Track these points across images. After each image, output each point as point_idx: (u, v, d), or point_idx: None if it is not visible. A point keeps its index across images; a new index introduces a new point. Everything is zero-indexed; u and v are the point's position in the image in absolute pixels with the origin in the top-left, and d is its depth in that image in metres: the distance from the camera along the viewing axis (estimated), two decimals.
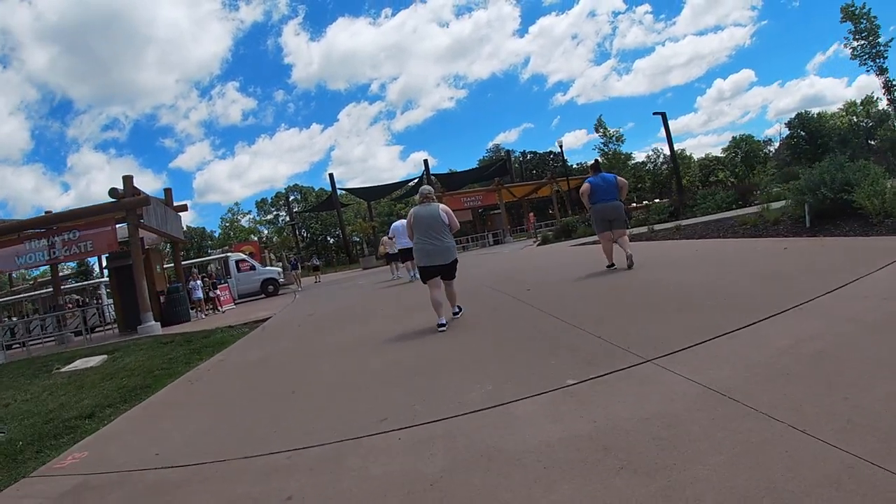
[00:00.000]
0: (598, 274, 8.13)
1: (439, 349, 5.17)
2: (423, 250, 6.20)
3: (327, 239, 76.04)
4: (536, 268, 11.87)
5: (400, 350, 5.51)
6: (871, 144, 63.20)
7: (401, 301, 10.13)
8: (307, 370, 5.56)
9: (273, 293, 24.66)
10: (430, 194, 6.46)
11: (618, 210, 8.15)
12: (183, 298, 17.41)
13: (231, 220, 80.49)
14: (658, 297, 5.56)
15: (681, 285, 6.10)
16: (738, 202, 17.17)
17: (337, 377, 4.96)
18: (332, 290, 19.23)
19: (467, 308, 6.90)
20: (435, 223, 6.14)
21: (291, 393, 4.67)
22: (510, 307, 6.69)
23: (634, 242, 12.40)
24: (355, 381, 4.67)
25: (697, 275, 6.73)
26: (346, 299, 13.66)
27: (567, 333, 4.70)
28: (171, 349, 10.13)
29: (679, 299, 5.29)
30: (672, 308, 4.93)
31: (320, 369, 5.43)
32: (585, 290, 7.10)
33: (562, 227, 22.47)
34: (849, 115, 66.51)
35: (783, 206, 10.79)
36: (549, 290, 7.71)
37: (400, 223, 15.03)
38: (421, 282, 6.71)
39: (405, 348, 5.53)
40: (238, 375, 6.16)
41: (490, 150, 79.12)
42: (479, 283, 10.14)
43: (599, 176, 8.25)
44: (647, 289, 6.27)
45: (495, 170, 51.37)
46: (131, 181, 15.72)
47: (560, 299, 6.67)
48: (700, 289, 5.67)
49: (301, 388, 4.79)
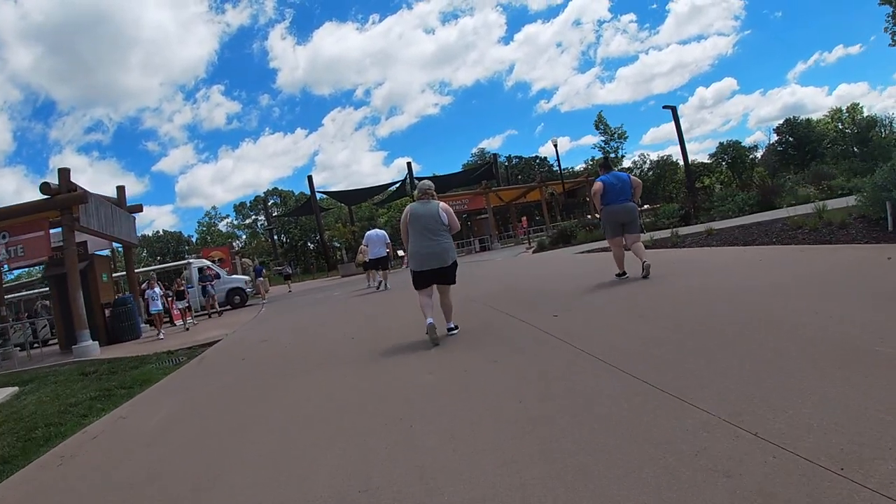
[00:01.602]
0: (639, 292, 6.08)
1: (433, 438, 3.02)
2: (420, 253, 5.51)
3: (307, 244, 73.64)
4: (544, 280, 9.78)
5: (373, 426, 3.35)
6: (855, 151, 63.23)
7: (377, 324, 7.97)
8: (226, 454, 3.38)
9: (240, 304, 22.27)
10: (429, 190, 5.77)
11: (632, 213, 7.37)
12: (131, 312, 15.08)
13: (208, 225, 78.24)
14: (775, 336, 3.50)
15: (796, 314, 4.04)
16: (760, 204, 15.35)
17: (268, 475, 2.82)
18: (301, 302, 16.98)
19: (471, 338, 4.81)
20: (434, 223, 5.50)
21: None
22: (539, 349, 4.57)
23: (660, 250, 10.44)
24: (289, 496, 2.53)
25: (800, 298, 4.68)
26: (312, 317, 11.44)
27: (672, 414, 2.60)
28: (86, 384, 8.12)
29: (826, 342, 3.23)
30: (827, 361, 2.86)
31: (244, 457, 3.27)
32: (641, 317, 5.00)
33: (559, 233, 20.52)
34: (834, 122, 66.66)
35: (850, 206, 8.98)
36: (585, 315, 5.61)
37: (374, 232, 15.07)
38: (393, 292, 5.02)
39: (380, 427, 3.37)
40: (126, 455, 3.94)
41: (475, 154, 77.31)
42: (478, 300, 8.03)
43: (612, 174, 7.47)
44: (741, 319, 4.20)
45: (482, 173, 49.33)
46: (67, 175, 13.36)
47: (610, 332, 4.57)
48: (844, 325, 3.61)
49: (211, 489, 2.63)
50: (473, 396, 3.51)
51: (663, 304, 5.40)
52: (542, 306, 6.45)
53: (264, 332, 9.97)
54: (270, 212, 72.22)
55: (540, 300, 7.11)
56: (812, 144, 60.17)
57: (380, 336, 6.64)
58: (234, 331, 11.62)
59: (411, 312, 8.18)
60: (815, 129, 62.79)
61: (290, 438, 3.46)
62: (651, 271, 6.90)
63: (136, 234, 20.52)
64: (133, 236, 19.11)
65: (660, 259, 9.14)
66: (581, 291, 7.18)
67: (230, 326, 13.10)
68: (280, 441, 3.44)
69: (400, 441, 2.99)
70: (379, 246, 14.50)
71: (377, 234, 14.83)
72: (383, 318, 8.41)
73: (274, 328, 10.51)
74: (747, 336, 3.68)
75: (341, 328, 8.32)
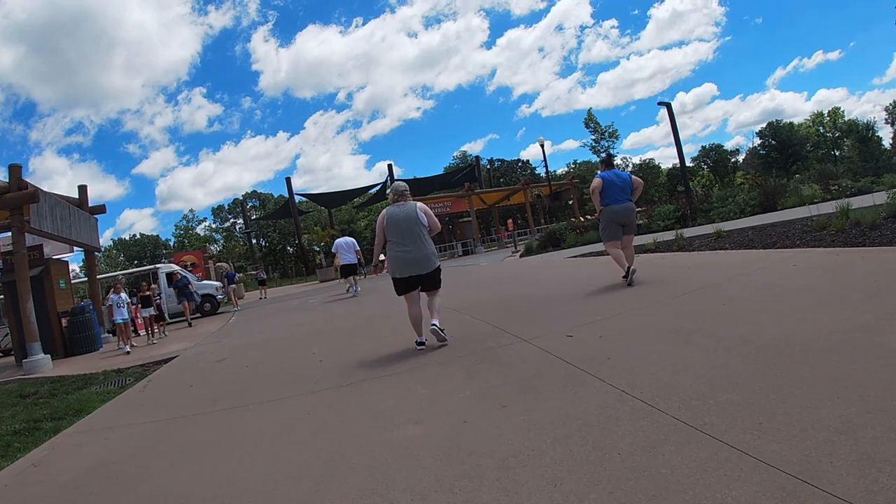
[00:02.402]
0: (663, 302, 5.04)
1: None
2: (398, 259, 5.24)
3: (286, 248, 72.00)
4: (542, 287, 8.71)
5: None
6: (836, 155, 63.89)
7: (351, 342, 6.82)
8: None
9: (211, 312, 20.88)
10: (405, 191, 5.51)
11: (632, 214, 7.01)
12: (90, 321, 13.65)
13: (186, 228, 76.32)
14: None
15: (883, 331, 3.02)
16: (762, 205, 14.52)
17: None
18: (274, 310, 15.72)
19: (469, 368, 3.73)
20: (411, 226, 5.23)
21: None
22: (561, 386, 3.49)
23: (666, 254, 9.48)
24: None
25: (865, 311, 3.67)
26: (280, 328, 10.24)
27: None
28: (18, 410, 7.04)
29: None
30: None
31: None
32: (678, 335, 3.94)
33: (547, 236, 19.53)
34: (815, 126, 67.26)
35: (877, 206, 8.14)
36: (607, 334, 4.53)
37: (342, 240, 15.28)
38: (370, 301, 4.20)
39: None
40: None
41: (457, 157, 76.41)
42: (471, 314, 6.96)
43: (613, 172, 7.05)
44: (824, 341, 3.16)
45: (464, 175, 48.32)
46: (18, 171, 12.01)
47: (648, 359, 3.50)
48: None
49: None
50: (482, 472, 2.40)
51: (700, 318, 4.37)
52: (549, 321, 5.39)
53: (224, 349, 8.75)
54: (249, 215, 70.70)
55: (543, 313, 6.04)
56: (795, 148, 60.44)
57: (353, 358, 5.53)
58: (195, 345, 10.38)
59: (390, 328, 7.18)
60: (797, 132, 63.16)
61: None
62: (667, 276, 6.00)
63: (99, 236, 18.94)
64: (94, 239, 17.57)
65: (672, 264, 8.16)
66: (589, 301, 6.14)
67: (194, 338, 11.85)
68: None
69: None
70: (348, 253, 14.80)
71: (346, 242, 15.17)
72: (359, 334, 7.29)
73: (236, 343, 9.29)
74: (857, 370, 2.63)
75: (310, 345, 7.18)
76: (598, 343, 4.19)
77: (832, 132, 67.18)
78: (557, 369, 3.69)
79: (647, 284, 6.45)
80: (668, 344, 3.80)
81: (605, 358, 3.70)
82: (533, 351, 4.30)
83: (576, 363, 3.70)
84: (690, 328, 4.06)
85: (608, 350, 3.91)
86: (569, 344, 4.29)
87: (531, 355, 4.18)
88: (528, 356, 4.18)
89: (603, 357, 3.73)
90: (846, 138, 65.29)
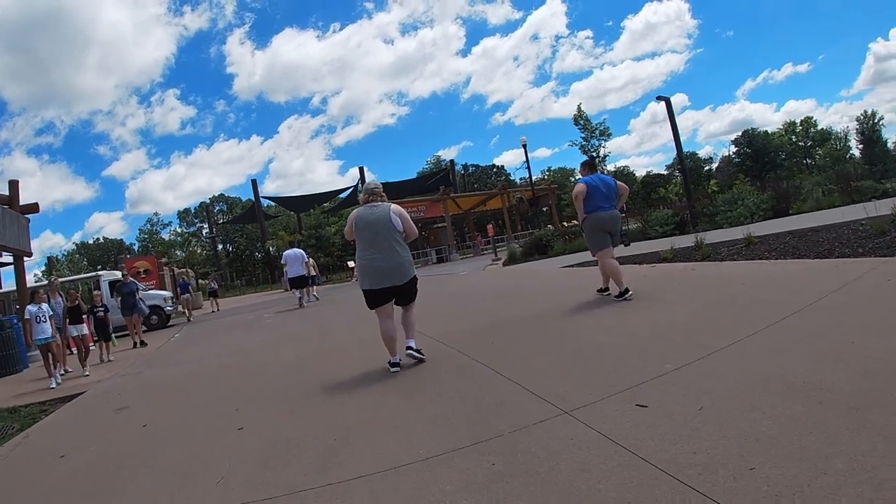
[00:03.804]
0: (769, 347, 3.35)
1: None
2: (370, 267, 4.61)
3: (254, 254, 69.08)
4: (546, 305, 6.93)
5: None
6: (808, 164, 64.49)
7: (300, 377, 4.96)
8: None
9: (158, 325, 18.42)
10: (377, 190, 4.83)
11: (618, 223, 6.45)
12: (11, 339, 11.35)
13: (150, 232, 73.07)
14: None
15: None
16: (774, 209, 13.13)
17: None
18: (220, 328, 13.70)
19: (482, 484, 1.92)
20: (384, 230, 4.60)
21: None
22: None
23: (694, 264, 7.87)
24: None
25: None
26: (216, 356, 8.26)
27: None
28: None
29: None
30: None
31: None
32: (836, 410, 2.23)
33: (532, 242, 17.87)
34: (788, 135, 67.98)
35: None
36: (709, 404, 2.78)
37: (291, 252, 15.22)
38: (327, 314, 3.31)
39: None
40: None
41: (431, 161, 74.71)
42: (460, 347, 5.20)
43: (597, 176, 6.43)
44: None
45: (438, 179, 46.50)
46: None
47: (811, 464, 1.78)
48: None
49: None
50: None
51: (844, 368, 2.67)
52: (587, 369, 3.62)
53: (139, 387, 6.77)
54: (216, 219, 68.02)
55: (572, 353, 4.23)
56: (770, 156, 60.75)
57: (288, 426, 3.68)
58: (112, 375, 8.37)
59: (349, 357, 5.49)
60: (772, 141, 63.57)
61: None
62: (720, 295, 4.73)
63: (30, 239, 16.38)
64: (24, 243, 15.08)
65: (711, 276, 6.54)
66: (630, 332, 4.42)
67: (118, 364, 9.81)
68: None
69: None
70: (297, 265, 14.77)
71: (294, 254, 15.12)
72: (312, 365, 5.48)
73: (156, 378, 7.31)
74: None
75: (243, 385, 5.31)
76: (701, 422, 2.44)
77: (804, 141, 68.00)
78: (659, 492, 1.92)
79: (699, 305, 4.78)
80: (840, 429, 2.08)
81: (737, 462, 1.96)
82: (589, 441, 2.50)
83: (688, 481, 1.95)
84: (849, 389, 2.36)
85: (733, 442, 2.17)
86: (646, 423, 2.53)
87: (590, 452, 2.38)
88: (586, 456, 2.37)
89: (733, 460, 1.99)
90: (819, 147, 66.09)
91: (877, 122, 63.54)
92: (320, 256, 35.00)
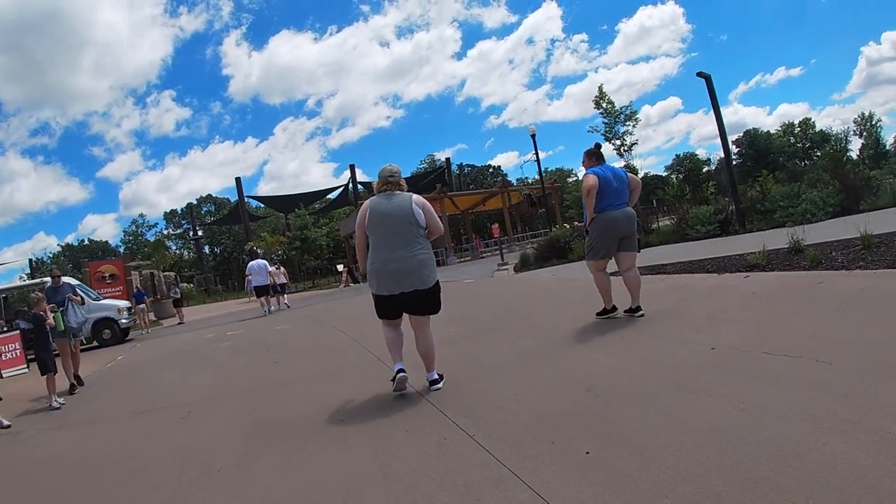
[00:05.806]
0: None
1: None
2: (385, 270, 3.89)
3: (242, 257, 66.66)
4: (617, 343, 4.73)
5: None
6: (805, 164, 63.51)
7: (266, 414, 2.73)
8: None
9: (111, 341, 15.67)
10: (394, 178, 4.09)
11: (633, 223, 5.31)
12: None
13: (135, 234, 70.75)
14: None
15: None
16: (842, 205, 11.08)
17: None
18: (175, 348, 11.42)
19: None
20: (404, 224, 3.90)
21: None
22: None
23: (824, 273, 5.67)
24: None
25: None
26: (158, 394, 5.95)
27: None
28: None
29: None
30: None
31: None
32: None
33: (548, 244, 15.66)
34: (786, 137, 67.25)
35: None
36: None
37: (255, 263, 16.67)
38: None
39: None
40: None
41: (425, 161, 72.62)
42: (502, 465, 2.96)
43: (607, 167, 5.34)
44: None
45: (434, 178, 44.33)
46: None
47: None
48: None
49: None
50: None
51: None
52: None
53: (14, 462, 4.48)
54: (204, 220, 65.88)
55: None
56: (772, 156, 59.68)
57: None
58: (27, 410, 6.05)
59: (327, 383, 4.40)
60: (774, 142, 62.56)
61: None
62: None
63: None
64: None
65: (853, 291, 4.29)
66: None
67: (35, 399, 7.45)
68: None
69: None
70: (261, 275, 16.02)
71: (258, 265, 16.46)
72: (282, 399, 3.31)
73: (31, 455, 5.00)
74: None
75: (190, 438, 3.08)
76: None
77: (803, 142, 67.24)
78: None
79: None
80: None
81: None
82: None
83: None
84: None
85: None
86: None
87: None
88: None
89: None
90: (818, 149, 65.32)
91: (874, 123, 62.83)
92: (307, 259, 32.76)
